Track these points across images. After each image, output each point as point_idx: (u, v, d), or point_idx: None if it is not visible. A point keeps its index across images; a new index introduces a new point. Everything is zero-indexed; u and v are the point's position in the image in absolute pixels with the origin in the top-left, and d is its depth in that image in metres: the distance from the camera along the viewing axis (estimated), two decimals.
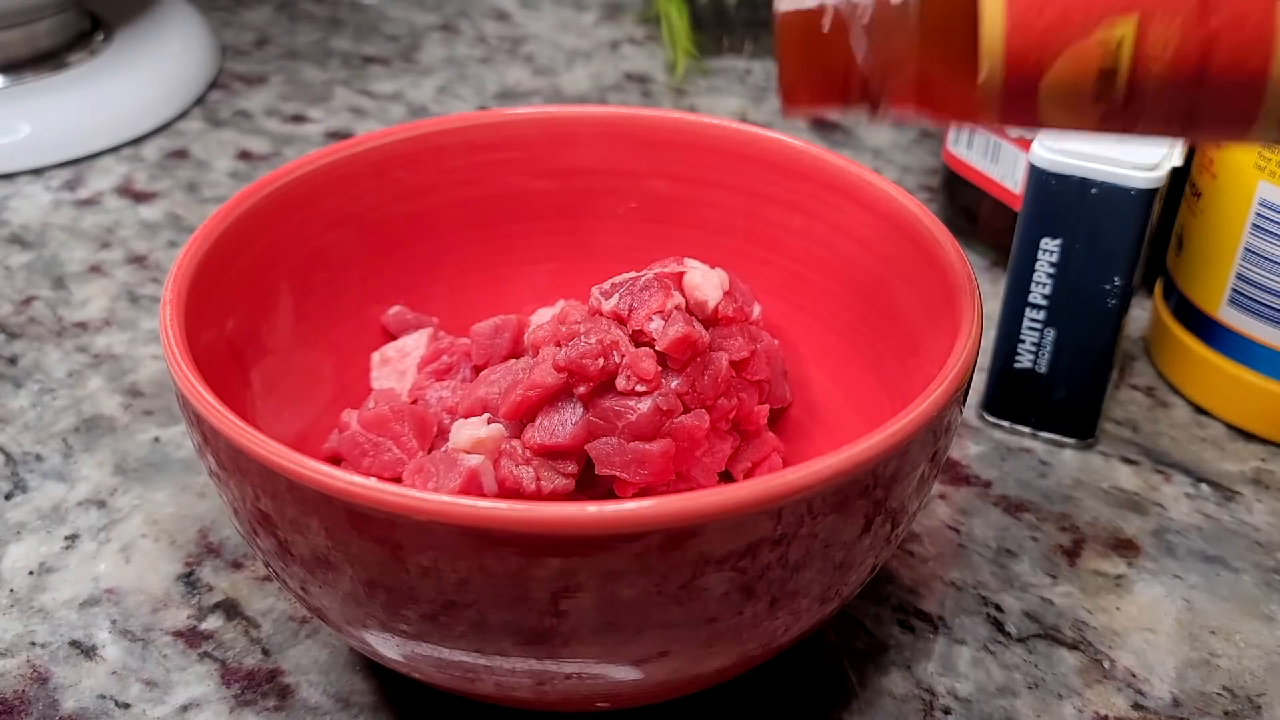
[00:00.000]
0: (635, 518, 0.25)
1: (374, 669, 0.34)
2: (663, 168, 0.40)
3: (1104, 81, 0.25)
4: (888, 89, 0.28)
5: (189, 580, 0.37)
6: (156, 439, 0.42)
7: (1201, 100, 0.25)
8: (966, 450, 0.42)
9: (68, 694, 0.34)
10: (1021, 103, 0.26)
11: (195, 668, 0.34)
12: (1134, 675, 0.35)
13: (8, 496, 0.40)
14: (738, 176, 0.39)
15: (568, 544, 0.25)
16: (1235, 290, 0.41)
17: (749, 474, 0.36)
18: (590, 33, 0.72)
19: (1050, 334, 0.41)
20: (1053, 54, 0.25)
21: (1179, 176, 0.44)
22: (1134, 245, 0.38)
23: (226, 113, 0.63)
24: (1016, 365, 0.42)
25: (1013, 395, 0.42)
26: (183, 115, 0.62)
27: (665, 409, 0.33)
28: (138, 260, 0.52)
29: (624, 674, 0.28)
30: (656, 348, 0.33)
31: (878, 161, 0.59)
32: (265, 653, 0.35)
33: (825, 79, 0.28)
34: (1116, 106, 0.26)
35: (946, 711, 0.34)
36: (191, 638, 0.35)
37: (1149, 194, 0.38)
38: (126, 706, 0.33)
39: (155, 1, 0.67)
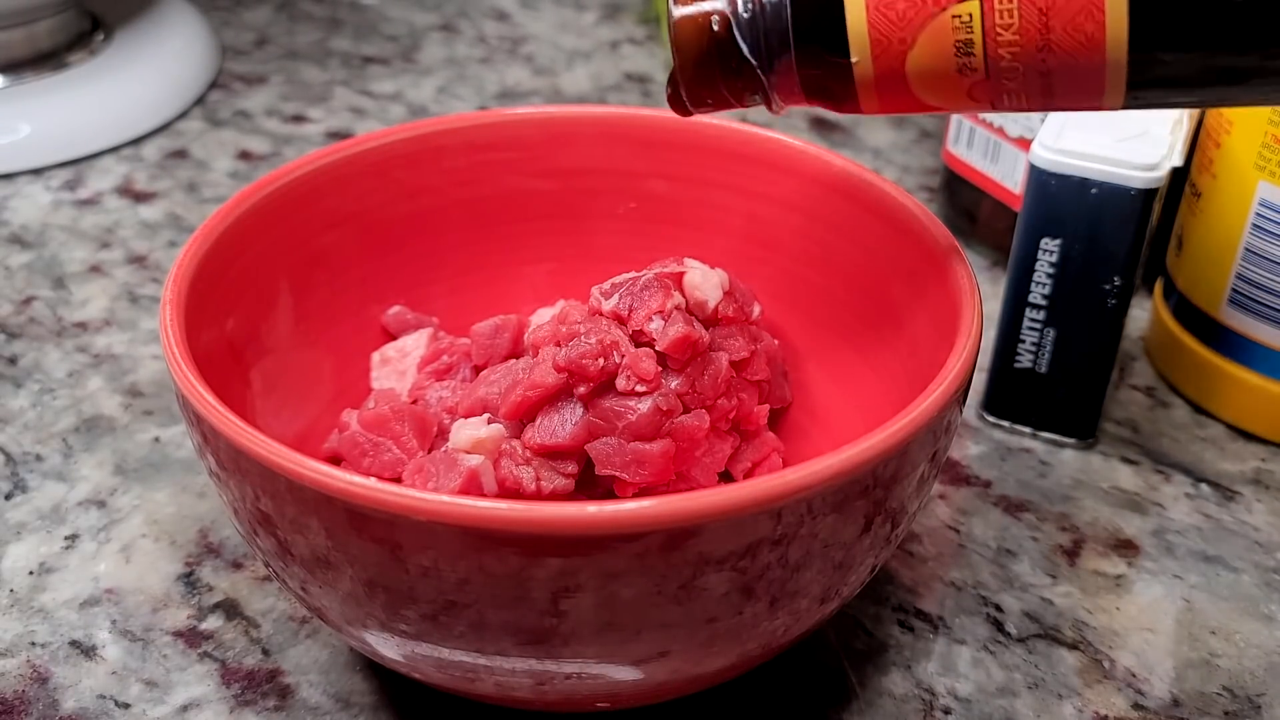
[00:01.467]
0: (635, 518, 0.25)
1: (374, 669, 0.34)
2: (662, 168, 0.40)
3: (963, 53, 0.27)
4: (775, 84, 0.30)
5: (189, 580, 0.37)
6: (156, 439, 0.42)
7: (1053, 67, 0.27)
8: (966, 450, 0.42)
9: (68, 694, 0.34)
10: (894, 84, 0.28)
11: (195, 668, 0.34)
12: (1134, 675, 0.35)
13: (8, 496, 0.40)
14: (738, 176, 0.39)
15: (568, 544, 0.25)
16: (1235, 290, 0.41)
17: (749, 474, 0.36)
18: (590, 33, 0.72)
19: (1050, 334, 0.41)
20: (914, 32, 0.27)
21: (1179, 176, 0.44)
22: (1134, 245, 0.38)
23: (226, 113, 0.63)
24: (1016, 365, 0.42)
25: (1013, 395, 0.42)
26: (183, 115, 0.62)
27: (665, 409, 0.33)
28: (138, 260, 0.52)
29: (624, 674, 0.28)
30: (656, 348, 0.33)
31: (878, 161, 0.59)
32: (265, 653, 0.35)
33: (720, 78, 0.30)
34: (980, 78, 0.28)
35: (946, 711, 0.34)
36: (191, 638, 0.35)
37: (1149, 194, 0.38)
38: (126, 706, 0.33)
39: (155, 1, 0.67)
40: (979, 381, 0.43)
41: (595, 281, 0.35)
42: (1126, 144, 0.38)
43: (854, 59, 0.28)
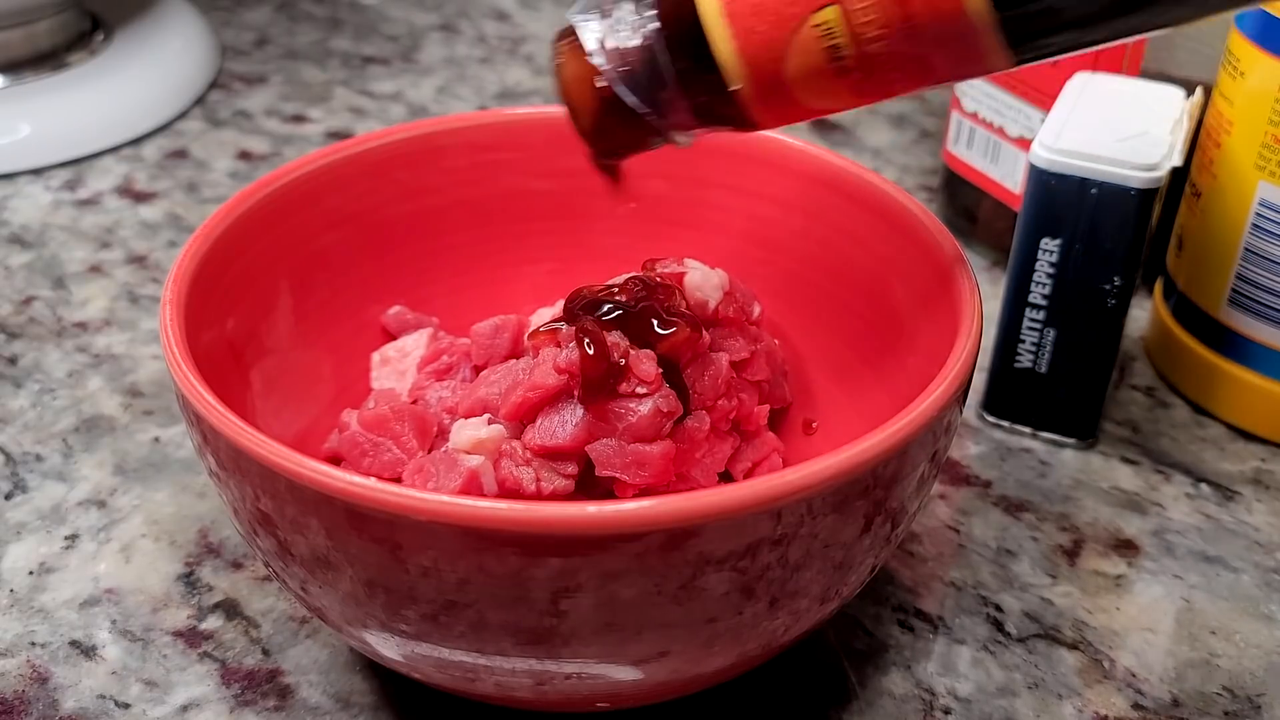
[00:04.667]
0: (635, 518, 0.25)
1: (374, 669, 0.34)
2: (662, 168, 0.40)
3: (835, 57, 0.27)
4: (671, 123, 0.30)
5: (189, 580, 0.37)
6: (156, 439, 0.42)
7: (927, 46, 0.27)
8: (966, 450, 0.42)
9: (68, 694, 0.34)
10: (781, 98, 0.29)
11: (195, 668, 0.34)
12: (1134, 675, 0.35)
13: (8, 496, 0.40)
14: (738, 176, 0.39)
15: (568, 544, 0.25)
16: (1235, 290, 0.41)
17: (749, 474, 0.36)
18: None
19: (1050, 334, 0.41)
20: (782, 49, 0.28)
21: (1179, 176, 0.44)
22: (1134, 245, 0.38)
23: (226, 113, 0.63)
24: (1016, 365, 0.42)
25: (1013, 395, 0.42)
26: (183, 115, 0.62)
27: (666, 410, 0.33)
28: (138, 260, 0.52)
29: (624, 674, 0.28)
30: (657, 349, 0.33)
31: (878, 161, 0.59)
32: (265, 653, 0.35)
33: (618, 129, 0.31)
34: (859, 75, 0.28)
35: (946, 711, 0.34)
36: (191, 638, 0.35)
37: (1149, 194, 0.38)
38: (126, 706, 0.33)
39: (155, 1, 0.67)
40: (979, 381, 0.43)
41: (595, 282, 0.35)
42: (1126, 144, 0.38)
43: (735, 85, 0.28)
